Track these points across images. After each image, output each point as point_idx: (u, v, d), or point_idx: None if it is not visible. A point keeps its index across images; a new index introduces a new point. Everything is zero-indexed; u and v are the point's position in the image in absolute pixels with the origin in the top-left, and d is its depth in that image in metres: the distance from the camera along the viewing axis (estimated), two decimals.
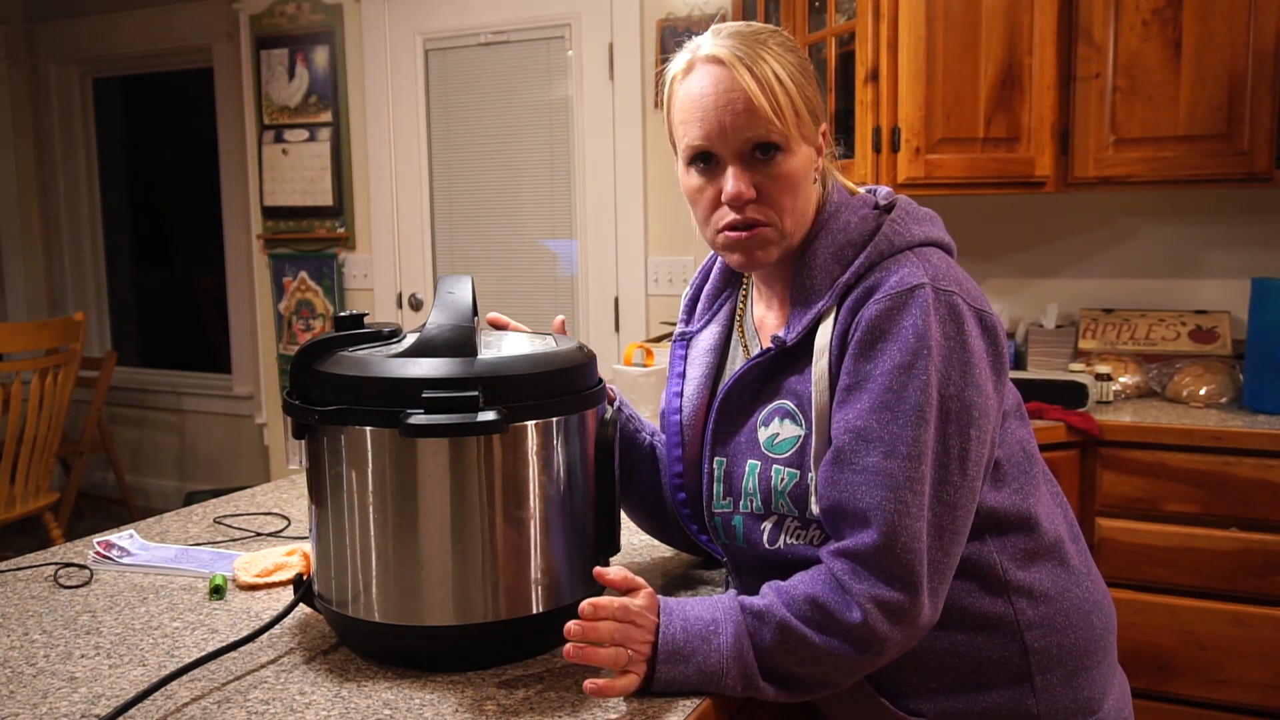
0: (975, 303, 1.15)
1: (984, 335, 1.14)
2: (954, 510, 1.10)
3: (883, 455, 1.08)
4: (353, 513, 1.13)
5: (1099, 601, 1.25)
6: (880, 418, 1.09)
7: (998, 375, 1.16)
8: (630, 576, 1.12)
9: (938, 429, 1.10)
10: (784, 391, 1.21)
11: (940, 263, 1.16)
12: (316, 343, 1.17)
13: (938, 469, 1.10)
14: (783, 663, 1.10)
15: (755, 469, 1.21)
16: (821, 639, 1.08)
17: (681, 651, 1.08)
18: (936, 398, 1.09)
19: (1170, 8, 2.54)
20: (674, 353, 1.38)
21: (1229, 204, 2.89)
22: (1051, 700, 1.18)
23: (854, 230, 1.19)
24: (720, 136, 1.16)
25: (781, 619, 1.09)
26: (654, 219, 3.64)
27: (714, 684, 1.08)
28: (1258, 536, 2.35)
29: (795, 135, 1.16)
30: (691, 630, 1.09)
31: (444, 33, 3.94)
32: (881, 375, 1.10)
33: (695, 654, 1.08)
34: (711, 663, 1.08)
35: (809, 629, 1.08)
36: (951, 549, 1.11)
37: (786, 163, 1.17)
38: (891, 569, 1.07)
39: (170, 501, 5.09)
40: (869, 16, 2.63)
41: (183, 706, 1.06)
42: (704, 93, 1.16)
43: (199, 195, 5.13)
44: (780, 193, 1.17)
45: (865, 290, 1.14)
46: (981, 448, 1.12)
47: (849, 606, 1.07)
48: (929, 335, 1.09)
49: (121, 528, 1.65)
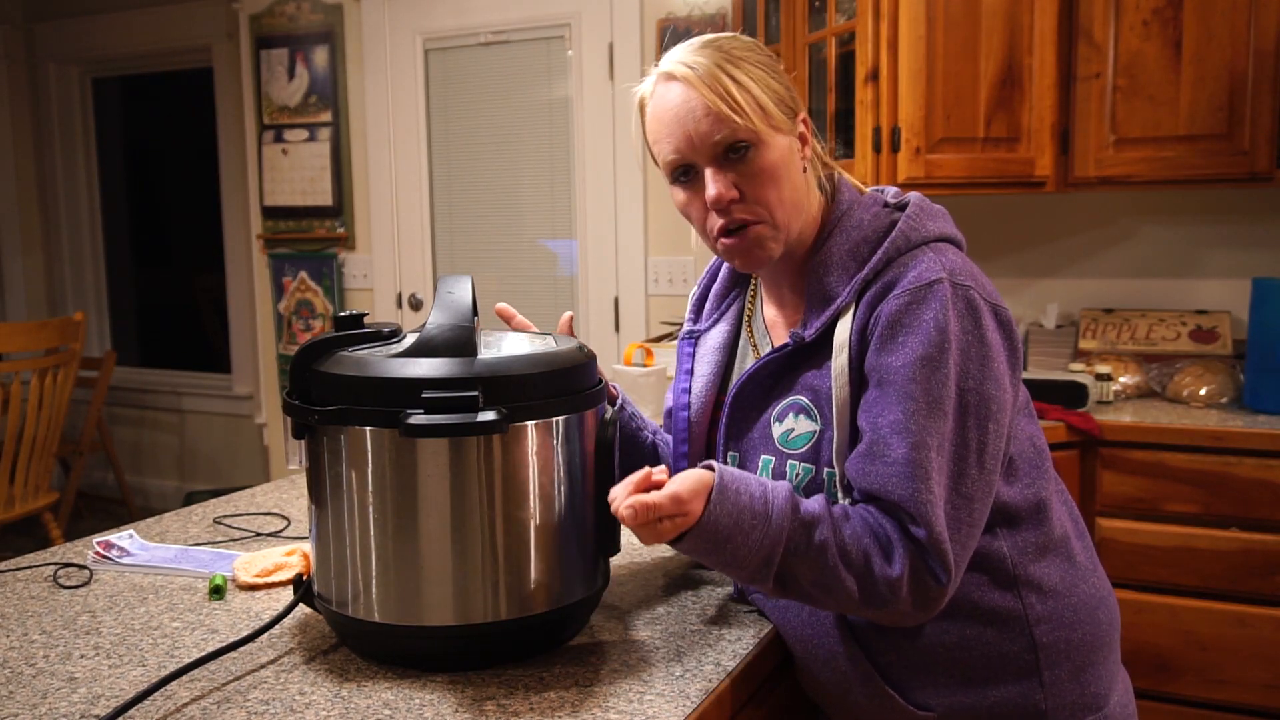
0: (991, 297, 1.17)
1: (1000, 329, 1.16)
2: (971, 503, 1.11)
3: (910, 446, 1.09)
4: (353, 513, 1.13)
5: (1104, 597, 1.26)
6: (905, 409, 1.10)
7: (1013, 369, 1.17)
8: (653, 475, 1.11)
9: (957, 422, 1.11)
10: (799, 387, 1.22)
11: (956, 258, 1.18)
12: (316, 343, 1.17)
13: (956, 462, 1.11)
14: (799, 571, 1.10)
15: (769, 464, 1.22)
16: (848, 577, 1.09)
17: (716, 536, 1.08)
18: (956, 390, 1.11)
19: (1170, 7, 2.54)
20: (681, 350, 1.39)
21: (1229, 204, 2.89)
22: (1059, 695, 1.18)
23: (868, 227, 1.21)
24: (690, 146, 1.19)
25: (821, 542, 1.09)
26: (654, 219, 3.64)
27: (730, 568, 1.10)
28: (1258, 536, 2.35)
29: (763, 128, 1.17)
30: (735, 520, 1.08)
31: (444, 33, 3.94)
32: (904, 368, 1.11)
33: (728, 542, 1.08)
34: (739, 555, 1.09)
35: (842, 567, 1.09)
36: (968, 542, 1.12)
37: (761, 157, 1.18)
38: (938, 558, 1.08)
39: (170, 501, 5.09)
40: (869, 16, 2.63)
41: (182, 707, 1.06)
42: (666, 109, 1.19)
43: (199, 195, 5.13)
44: (762, 187, 1.19)
45: (884, 285, 1.15)
46: (999, 441, 1.13)
47: (892, 561, 1.08)
48: (949, 329, 1.11)
49: (121, 528, 1.65)
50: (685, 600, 1.35)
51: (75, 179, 5.28)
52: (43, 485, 3.83)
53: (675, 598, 1.35)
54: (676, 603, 1.33)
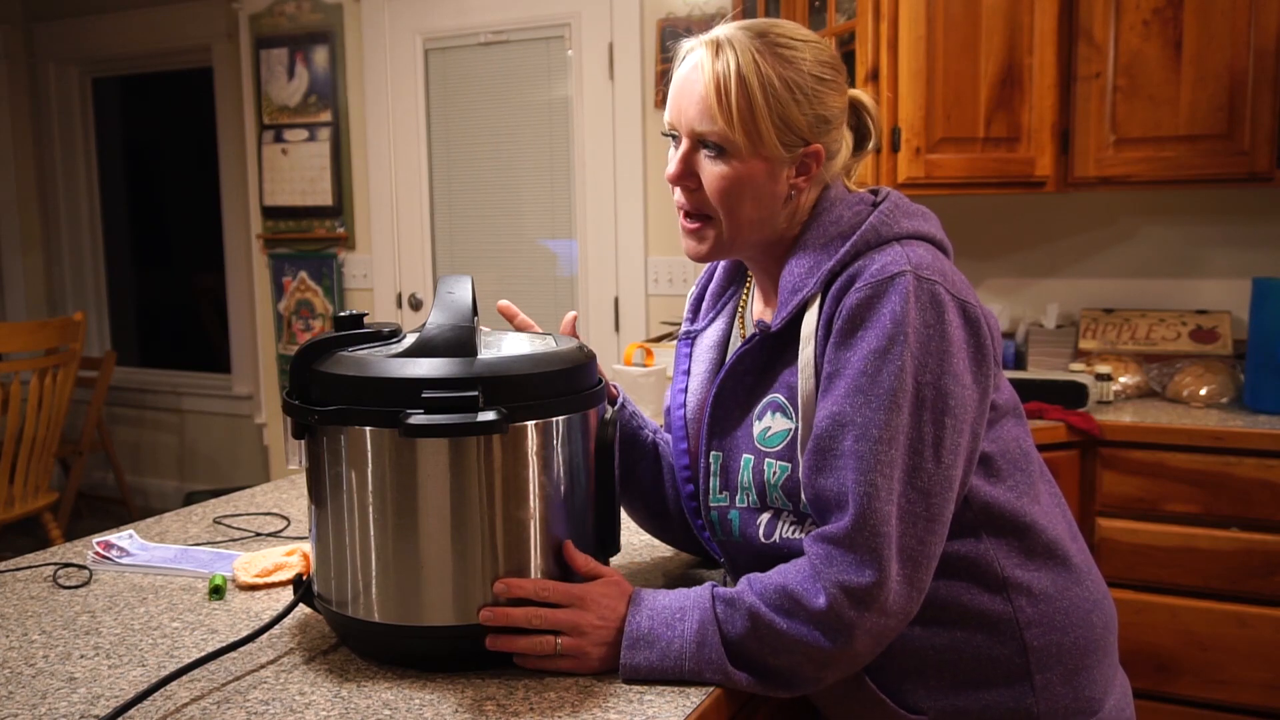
0: (959, 293, 1.14)
1: (965, 325, 1.14)
2: (928, 498, 1.10)
3: (855, 439, 1.09)
4: (353, 513, 1.13)
5: (1099, 601, 1.25)
6: (854, 402, 1.10)
7: (979, 366, 1.15)
8: (595, 565, 1.15)
9: (912, 415, 1.09)
10: (778, 384, 1.21)
11: (926, 254, 1.16)
12: (316, 343, 1.17)
13: (911, 455, 1.09)
14: (755, 652, 1.10)
15: (750, 463, 1.22)
16: (788, 625, 1.08)
17: (645, 638, 1.10)
18: (911, 384, 1.09)
19: (1171, 7, 2.54)
20: (679, 351, 1.39)
21: (1229, 204, 2.88)
22: (1052, 699, 1.18)
23: (845, 222, 1.20)
24: (677, 117, 1.20)
25: (750, 605, 1.10)
26: (654, 219, 3.64)
27: (675, 670, 1.10)
28: (1258, 536, 2.35)
29: (744, 145, 1.16)
30: (658, 617, 1.11)
31: (444, 33, 3.94)
32: (857, 361, 1.10)
33: (659, 640, 1.10)
34: (674, 648, 1.10)
35: (776, 615, 1.09)
36: (927, 537, 1.10)
37: (725, 166, 1.17)
38: (860, 552, 1.07)
39: (170, 501, 5.09)
40: (869, 16, 2.63)
41: (182, 707, 1.06)
42: (681, 72, 1.21)
43: (199, 195, 5.13)
44: (714, 193, 1.19)
45: (849, 277, 1.14)
46: (958, 436, 1.11)
47: (815, 593, 1.07)
48: (907, 322, 1.09)
49: (121, 528, 1.65)
50: None
51: (75, 179, 5.28)
52: (43, 485, 3.83)
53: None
54: None
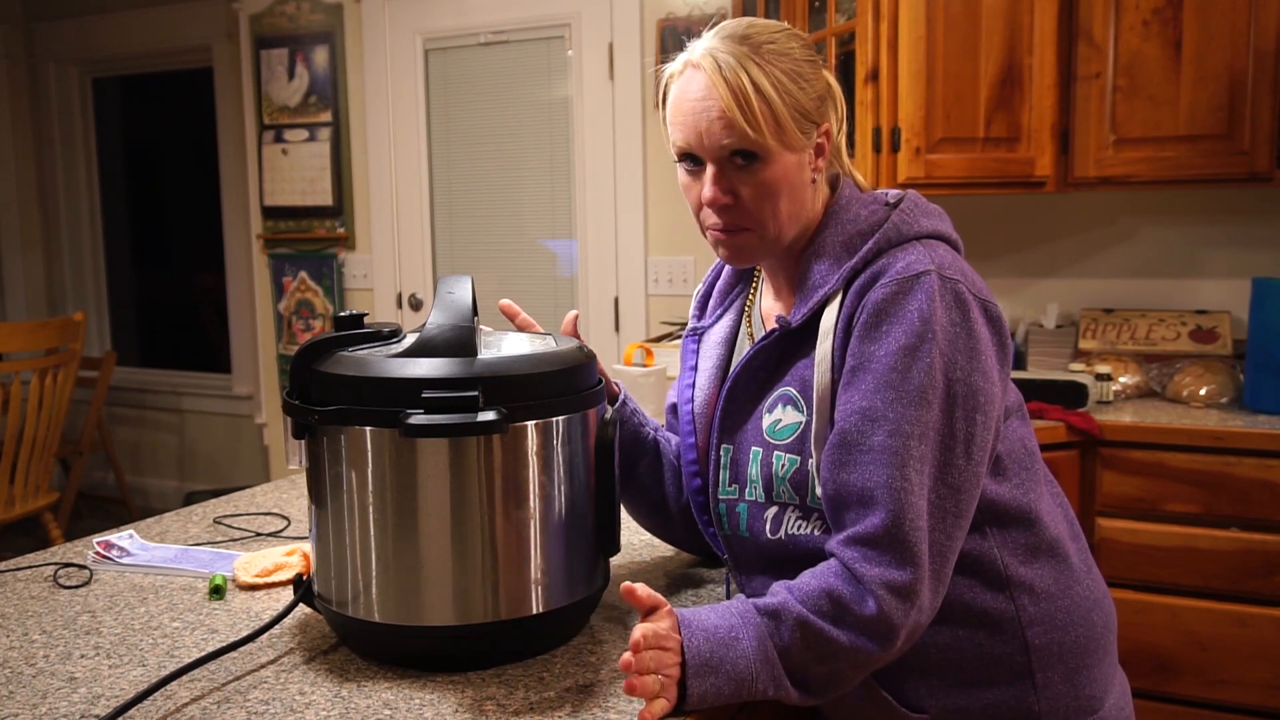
0: (980, 293, 1.16)
1: (989, 324, 1.16)
2: (958, 494, 1.10)
3: (887, 434, 1.08)
4: (353, 513, 1.13)
5: (1099, 600, 1.25)
6: (884, 397, 1.09)
7: (1002, 365, 1.17)
8: (654, 595, 1.08)
9: (944, 411, 1.10)
10: (790, 378, 1.22)
11: (946, 254, 1.18)
12: (316, 343, 1.17)
13: (943, 451, 1.10)
14: (801, 661, 1.08)
15: (758, 455, 1.22)
16: (839, 633, 1.07)
17: (709, 663, 1.05)
18: (942, 380, 1.10)
19: (1170, 7, 2.54)
20: (685, 347, 1.39)
21: (1229, 204, 2.88)
22: (1053, 697, 1.18)
23: (864, 221, 1.21)
24: (699, 142, 1.18)
25: (798, 615, 1.07)
26: (654, 219, 3.64)
27: (746, 690, 1.06)
28: (1258, 536, 2.35)
29: (774, 145, 1.16)
30: (715, 639, 1.06)
31: (444, 33, 3.93)
32: (886, 356, 1.10)
33: (723, 663, 1.05)
34: (740, 668, 1.05)
35: (826, 623, 1.07)
36: (954, 533, 1.11)
37: (764, 171, 1.18)
38: (897, 550, 1.07)
39: (170, 501, 5.09)
40: (869, 16, 2.63)
41: (182, 707, 1.06)
42: (686, 97, 1.19)
43: (199, 195, 5.13)
44: (759, 199, 1.19)
45: (871, 275, 1.15)
46: (986, 434, 1.13)
47: (862, 596, 1.06)
48: (934, 319, 1.10)
49: (121, 528, 1.65)
50: (686, 600, 1.35)
51: (75, 179, 5.28)
52: (43, 485, 3.83)
53: (676, 597, 1.35)
54: (677, 602, 1.33)
